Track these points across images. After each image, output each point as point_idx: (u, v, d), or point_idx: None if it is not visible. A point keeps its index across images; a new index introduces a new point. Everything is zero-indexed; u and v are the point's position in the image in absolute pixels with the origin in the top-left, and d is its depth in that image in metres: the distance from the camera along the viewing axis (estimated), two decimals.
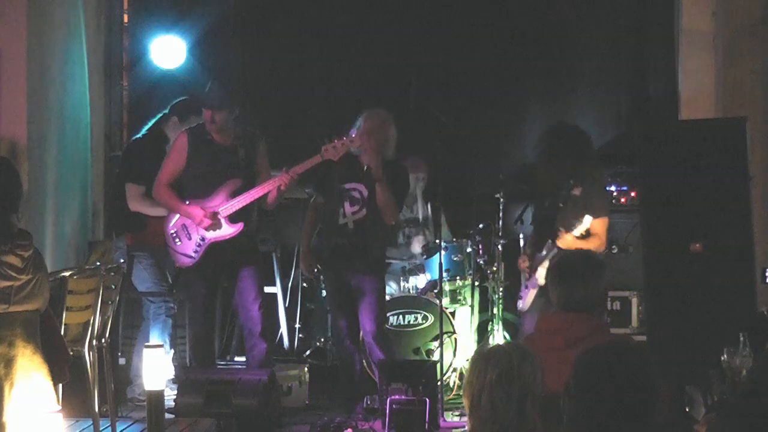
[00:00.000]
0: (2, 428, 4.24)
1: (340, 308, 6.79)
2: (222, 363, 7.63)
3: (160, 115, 7.11)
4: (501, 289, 7.56)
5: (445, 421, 6.44)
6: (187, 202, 6.42)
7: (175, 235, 6.45)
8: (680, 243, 5.99)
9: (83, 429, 5.48)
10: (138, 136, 7.31)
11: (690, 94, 7.57)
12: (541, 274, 6.16)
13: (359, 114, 6.72)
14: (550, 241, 6.25)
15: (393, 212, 6.70)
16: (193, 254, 6.42)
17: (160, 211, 6.73)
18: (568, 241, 6.13)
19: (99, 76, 7.77)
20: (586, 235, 6.14)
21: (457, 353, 7.27)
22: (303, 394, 6.96)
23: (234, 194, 6.40)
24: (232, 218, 6.40)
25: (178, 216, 6.46)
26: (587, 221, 6.08)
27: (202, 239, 6.39)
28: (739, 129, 6.05)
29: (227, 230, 6.40)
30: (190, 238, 6.42)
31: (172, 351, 7.08)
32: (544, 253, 6.30)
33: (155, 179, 6.54)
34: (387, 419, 5.97)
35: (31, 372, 4.34)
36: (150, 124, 7.15)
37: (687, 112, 7.51)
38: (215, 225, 6.37)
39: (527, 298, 6.65)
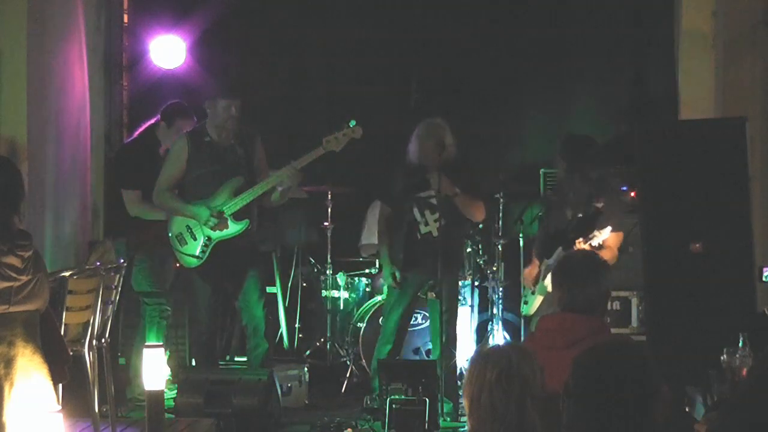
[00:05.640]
0: (2, 428, 4.24)
1: (404, 312, 6.81)
2: (222, 363, 7.63)
3: (153, 120, 7.10)
4: (501, 289, 7.55)
5: (445, 420, 6.45)
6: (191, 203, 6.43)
7: (179, 237, 6.45)
8: (680, 243, 5.98)
9: (83, 429, 5.48)
10: (128, 141, 7.29)
11: (690, 94, 7.56)
12: (549, 282, 6.16)
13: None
14: (560, 248, 6.27)
15: (479, 211, 6.76)
16: (200, 254, 6.42)
17: (159, 214, 6.72)
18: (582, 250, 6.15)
19: (99, 76, 7.77)
20: (600, 246, 6.17)
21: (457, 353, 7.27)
22: (303, 394, 6.97)
23: (237, 192, 6.40)
24: (237, 216, 6.40)
25: (179, 218, 6.45)
26: (606, 232, 6.14)
27: (208, 239, 6.39)
28: (739, 129, 6.04)
29: (233, 228, 6.39)
30: (195, 239, 6.42)
31: (168, 353, 7.08)
32: (552, 261, 6.31)
33: (150, 182, 6.54)
34: (387, 419, 5.97)
35: (31, 372, 4.33)
36: (141, 128, 7.14)
37: (687, 112, 7.50)
38: (222, 224, 6.37)
39: (535, 304, 6.65)
